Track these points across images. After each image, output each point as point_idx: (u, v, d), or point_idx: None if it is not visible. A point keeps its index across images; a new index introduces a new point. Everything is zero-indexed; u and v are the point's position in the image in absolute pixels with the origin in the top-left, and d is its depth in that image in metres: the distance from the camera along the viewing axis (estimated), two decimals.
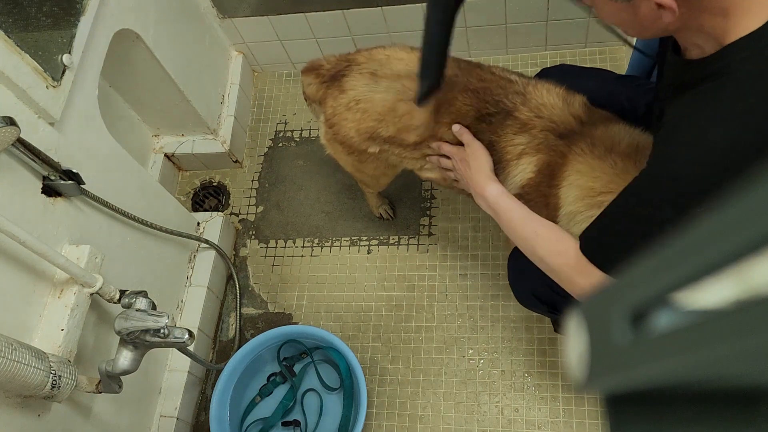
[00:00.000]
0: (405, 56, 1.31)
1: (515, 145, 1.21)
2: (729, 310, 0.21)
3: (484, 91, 1.24)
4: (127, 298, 1.25)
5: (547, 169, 1.17)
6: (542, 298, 1.26)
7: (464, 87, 1.25)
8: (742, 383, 0.22)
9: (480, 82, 1.25)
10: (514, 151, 1.21)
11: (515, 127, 1.21)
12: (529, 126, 1.20)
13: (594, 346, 0.28)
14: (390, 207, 1.91)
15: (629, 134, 1.13)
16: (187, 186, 2.13)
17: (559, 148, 1.16)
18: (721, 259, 0.21)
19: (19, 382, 1.02)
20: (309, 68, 1.44)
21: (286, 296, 1.90)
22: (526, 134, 1.20)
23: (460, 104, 1.24)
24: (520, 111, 1.21)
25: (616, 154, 1.09)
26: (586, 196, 1.11)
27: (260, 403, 1.74)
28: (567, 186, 1.14)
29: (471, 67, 1.28)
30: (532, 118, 1.20)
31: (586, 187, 1.11)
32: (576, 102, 1.21)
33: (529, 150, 1.19)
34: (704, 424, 0.26)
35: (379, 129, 1.32)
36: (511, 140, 1.21)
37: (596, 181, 1.10)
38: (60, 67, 1.27)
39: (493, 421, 1.62)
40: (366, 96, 1.31)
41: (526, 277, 1.28)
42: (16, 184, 1.19)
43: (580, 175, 1.12)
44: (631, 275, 0.26)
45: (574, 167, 1.13)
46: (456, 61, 1.29)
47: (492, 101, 1.23)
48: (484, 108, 1.23)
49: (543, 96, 1.21)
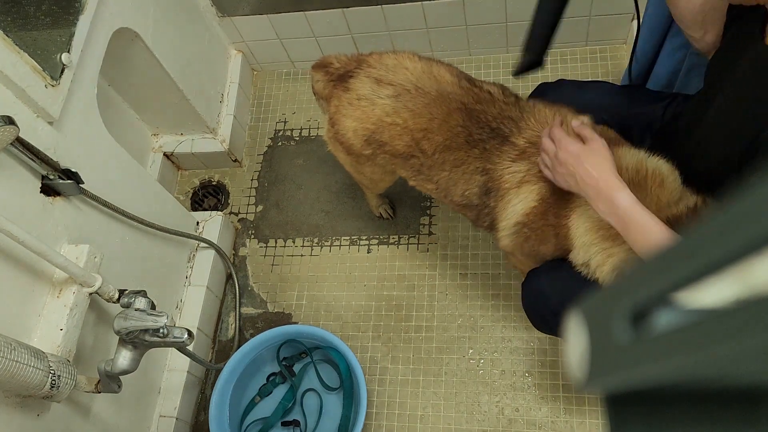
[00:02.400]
0: (411, 66, 1.30)
1: (514, 173, 1.19)
2: (729, 310, 0.21)
3: (479, 113, 1.22)
4: (126, 298, 1.25)
5: (552, 198, 1.15)
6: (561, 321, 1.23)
7: (459, 106, 1.23)
8: (742, 383, 0.22)
9: (476, 103, 1.23)
10: (512, 179, 1.19)
11: (513, 153, 1.19)
12: (528, 153, 1.17)
13: (594, 345, 0.28)
14: (390, 206, 1.91)
15: (636, 158, 1.10)
16: (187, 185, 2.13)
17: None
18: (721, 259, 0.21)
19: (18, 381, 1.02)
20: (319, 65, 1.44)
21: (285, 296, 1.90)
22: (525, 161, 1.17)
23: (453, 124, 1.23)
24: (516, 137, 1.19)
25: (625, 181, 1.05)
26: (600, 228, 1.08)
27: (260, 403, 1.74)
28: (577, 216, 1.11)
29: (471, 86, 1.26)
30: (529, 145, 1.17)
31: (598, 218, 1.08)
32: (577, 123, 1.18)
33: (530, 178, 1.17)
34: (704, 424, 0.26)
35: (374, 134, 1.32)
36: (508, 168, 1.19)
37: None
38: (59, 66, 1.27)
39: (494, 420, 1.62)
40: (367, 100, 1.31)
41: (542, 302, 1.26)
42: (15, 183, 1.19)
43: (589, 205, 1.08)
44: (631, 275, 0.26)
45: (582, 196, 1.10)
46: (459, 77, 1.28)
47: (486, 125, 1.21)
48: (476, 132, 1.21)
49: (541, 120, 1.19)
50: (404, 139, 1.29)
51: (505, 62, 2.06)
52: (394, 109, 1.28)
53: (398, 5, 1.86)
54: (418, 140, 1.27)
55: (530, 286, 1.30)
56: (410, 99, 1.27)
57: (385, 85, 1.30)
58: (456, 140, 1.23)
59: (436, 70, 1.29)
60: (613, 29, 1.91)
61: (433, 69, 1.29)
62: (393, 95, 1.28)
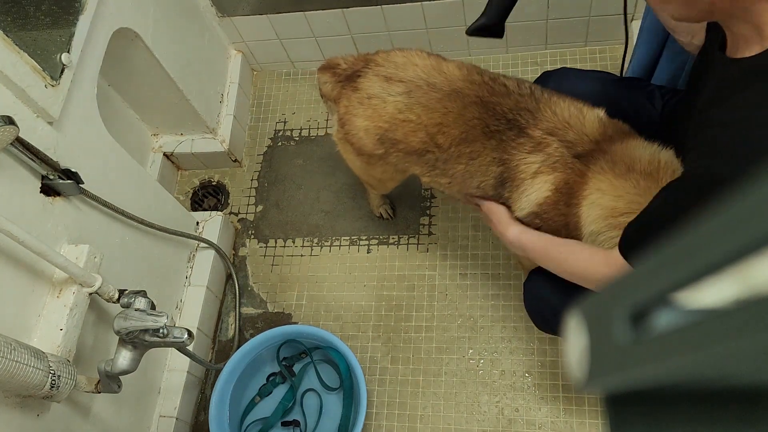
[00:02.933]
0: (420, 63, 1.30)
1: (529, 164, 1.19)
2: (729, 310, 0.21)
3: (494, 105, 1.23)
4: (126, 298, 1.25)
5: (565, 188, 1.16)
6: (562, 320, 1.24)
7: (474, 99, 1.24)
8: (742, 383, 0.22)
9: (491, 95, 1.24)
10: (528, 170, 1.20)
11: (529, 145, 1.19)
12: (544, 144, 1.18)
13: (594, 345, 0.28)
14: (390, 206, 1.91)
15: (649, 151, 1.11)
16: (186, 185, 2.13)
17: (577, 166, 1.14)
18: (721, 259, 0.21)
19: (18, 381, 1.02)
20: (326, 66, 1.43)
21: (285, 296, 1.89)
22: (540, 153, 1.18)
23: (469, 116, 1.23)
24: (533, 128, 1.19)
25: (638, 172, 1.07)
26: (609, 216, 1.09)
27: (260, 403, 1.74)
28: (588, 205, 1.12)
29: (483, 79, 1.27)
30: (546, 136, 1.18)
31: (609, 207, 1.09)
32: (593, 116, 1.19)
33: (545, 168, 1.18)
34: (704, 424, 0.26)
35: (388, 132, 1.31)
36: (524, 159, 1.20)
37: (619, 201, 1.08)
38: (59, 66, 1.27)
39: (493, 421, 1.62)
40: (378, 98, 1.31)
41: (544, 302, 1.27)
42: (15, 183, 1.19)
43: (601, 194, 1.10)
44: (631, 275, 0.26)
45: (594, 186, 1.11)
46: (469, 71, 1.28)
47: (503, 117, 1.22)
48: (493, 123, 1.22)
49: (557, 112, 1.19)
50: (419, 135, 1.29)
51: (505, 62, 2.06)
52: (407, 106, 1.28)
53: (398, 5, 1.86)
54: (433, 135, 1.27)
55: (532, 286, 1.30)
56: (422, 95, 1.27)
57: (395, 83, 1.29)
58: (472, 132, 1.24)
59: (445, 66, 1.29)
60: (613, 29, 1.91)
61: (442, 65, 1.30)
62: (404, 92, 1.28)
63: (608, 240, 1.09)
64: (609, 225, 1.09)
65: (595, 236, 1.12)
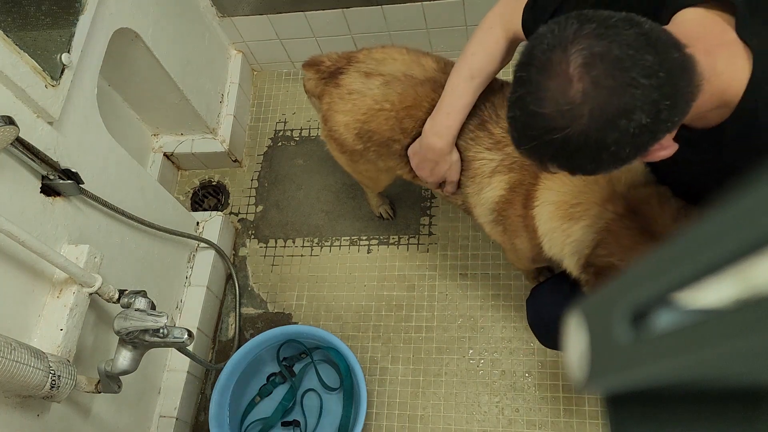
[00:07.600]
0: (399, 57, 1.32)
1: (487, 161, 1.21)
2: (729, 310, 0.21)
3: None
4: (127, 298, 1.25)
5: (521, 189, 1.17)
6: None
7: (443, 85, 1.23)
8: (742, 383, 0.22)
9: None
10: (485, 168, 1.21)
11: (488, 141, 1.20)
12: (503, 144, 1.19)
13: (595, 345, 0.28)
14: (390, 207, 1.91)
15: None
16: (187, 185, 2.13)
17: (531, 168, 1.15)
18: (721, 259, 0.21)
19: (18, 381, 1.02)
20: (310, 63, 1.45)
21: (285, 296, 1.89)
22: (500, 152, 1.19)
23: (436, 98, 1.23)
24: (493, 125, 1.20)
25: None
26: (558, 210, 1.11)
27: (260, 404, 1.74)
28: (540, 205, 1.14)
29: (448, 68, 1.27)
30: (506, 135, 1.18)
31: (558, 202, 1.11)
32: None
33: (502, 168, 1.20)
34: (704, 424, 0.26)
35: (365, 125, 1.32)
36: (481, 153, 1.21)
37: (566, 195, 1.10)
38: (59, 67, 1.27)
39: (494, 421, 1.62)
40: (358, 93, 1.32)
41: (545, 318, 1.27)
42: (15, 183, 1.19)
43: (551, 193, 1.12)
44: (631, 275, 0.26)
45: (545, 185, 1.13)
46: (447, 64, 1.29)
47: None
48: None
49: None
50: (389, 123, 1.30)
51: None
52: (383, 96, 1.29)
53: (398, 5, 1.86)
54: (401, 119, 1.28)
55: (534, 302, 1.32)
56: (399, 84, 1.28)
57: (374, 77, 1.31)
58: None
59: (423, 59, 1.31)
60: None
61: (420, 59, 1.31)
62: (383, 84, 1.30)
63: (561, 232, 1.10)
64: (560, 217, 1.11)
65: (551, 233, 1.13)
